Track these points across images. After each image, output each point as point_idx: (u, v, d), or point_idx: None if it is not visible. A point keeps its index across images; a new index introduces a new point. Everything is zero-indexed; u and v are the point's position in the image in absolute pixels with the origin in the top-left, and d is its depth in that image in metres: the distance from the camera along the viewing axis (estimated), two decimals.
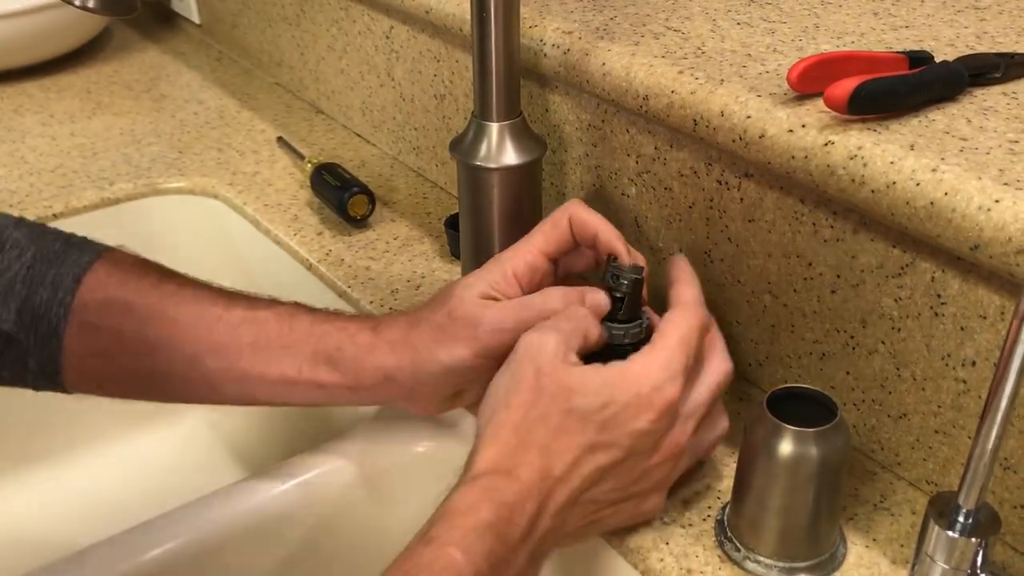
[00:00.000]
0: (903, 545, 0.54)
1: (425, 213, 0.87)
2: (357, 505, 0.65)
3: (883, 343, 0.55)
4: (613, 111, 0.67)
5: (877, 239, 0.54)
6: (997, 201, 0.46)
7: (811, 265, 0.58)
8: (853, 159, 0.51)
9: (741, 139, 0.56)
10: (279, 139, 0.99)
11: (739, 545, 0.53)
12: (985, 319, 0.50)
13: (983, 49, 0.60)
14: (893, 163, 0.50)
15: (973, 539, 0.45)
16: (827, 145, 0.52)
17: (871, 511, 0.56)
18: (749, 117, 0.55)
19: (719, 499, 0.57)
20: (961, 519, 0.45)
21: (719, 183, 0.61)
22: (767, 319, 0.62)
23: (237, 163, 0.96)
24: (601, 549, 0.57)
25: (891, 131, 0.52)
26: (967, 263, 0.50)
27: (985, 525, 0.45)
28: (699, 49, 0.63)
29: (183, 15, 1.31)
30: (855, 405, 0.58)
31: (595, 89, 0.65)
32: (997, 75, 0.56)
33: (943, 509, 0.46)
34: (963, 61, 0.57)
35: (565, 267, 0.59)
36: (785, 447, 0.49)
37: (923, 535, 0.47)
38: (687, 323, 0.51)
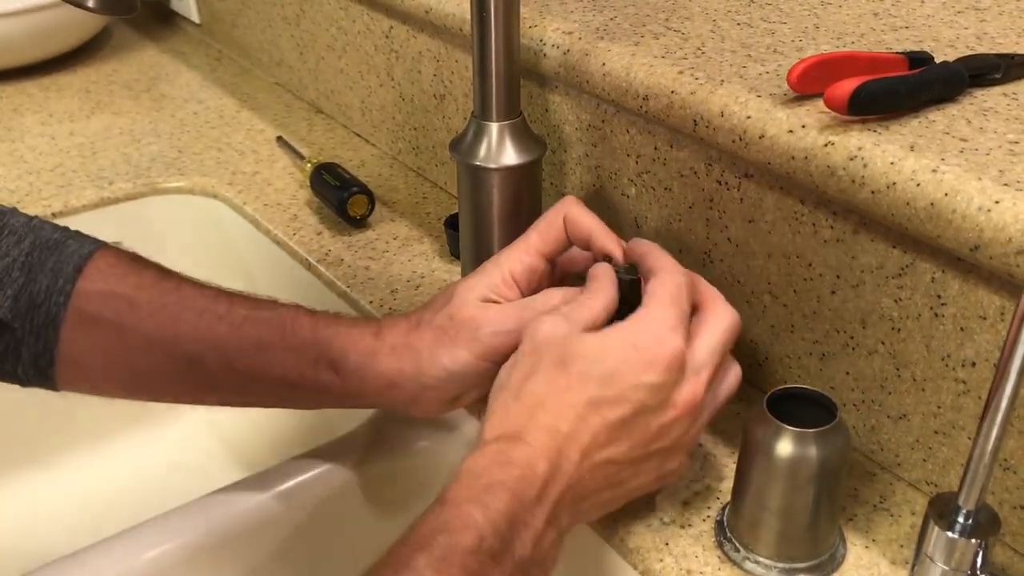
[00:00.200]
0: (903, 546, 0.54)
1: (425, 213, 0.87)
2: (356, 506, 0.65)
3: (883, 344, 0.55)
4: (613, 111, 0.67)
5: (877, 240, 0.53)
6: (997, 202, 0.46)
7: (811, 266, 0.58)
8: (853, 160, 0.51)
9: (741, 139, 0.56)
10: (279, 139, 0.99)
11: (739, 545, 0.53)
12: (985, 320, 0.50)
13: (983, 50, 0.60)
14: (893, 164, 0.49)
15: (973, 540, 0.45)
16: (827, 146, 0.52)
17: (871, 512, 0.56)
18: (749, 117, 0.55)
19: (719, 500, 0.57)
20: (961, 520, 0.45)
21: (719, 183, 0.61)
22: (767, 319, 0.62)
23: (236, 163, 0.96)
24: (601, 549, 0.57)
25: (891, 132, 0.52)
26: (967, 264, 0.50)
27: (985, 526, 0.45)
28: (699, 49, 0.63)
29: (182, 14, 1.30)
30: (855, 406, 0.58)
31: (595, 89, 0.65)
32: (997, 76, 0.56)
33: (943, 510, 0.46)
34: (963, 62, 0.57)
35: (563, 267, 0.59)
36: (785, 448, 0.49)
37: (923, 536, 0.47)
38: (672, 281, 0.51)
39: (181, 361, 0.57)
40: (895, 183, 0.49)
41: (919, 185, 0.48)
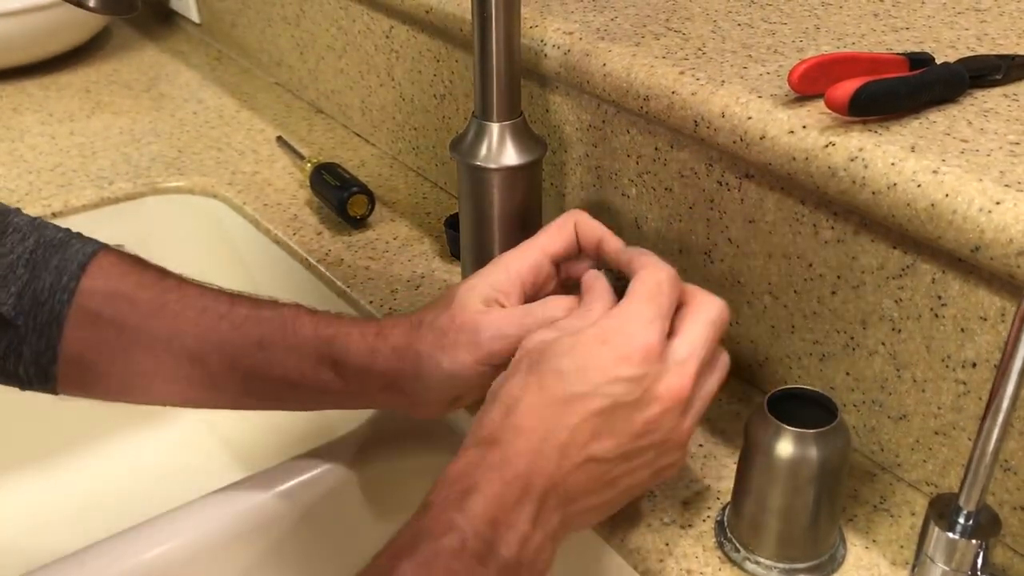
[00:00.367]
0: (903, 546, 0.54)
1: (425, 213, 0.87)
2: (356, 506, 0.65)
3: (883, 344, 0.55)
4: (614, 112, 0.67)
5: (878, 240, 0.54)
6: (998, 203, 0.46)
7: (811, 266, 0.58)
8: (854, 160, 0.51)
9: (742, 140, 0.56)
10: (278, 139, 0.99)
11: (739, 546, 0.53)
12: (986, 321, 0.50)
13: (984, 51, 0.60)
14: (894, 164, 0.50)
15: (973, 541, 0.45)
16: (828, 146, 0.52)
17: (871, 512, 0.56)
18: (750, 118, 0.55)
19: (719, 500, 0.57)
20: (961, 521, 0.45)
21: (719, 184, 0.61)
22: (767, 320, 0.62)
23: (236, 162, 0.96)
24: (601, 550, 0.57)
25: (892, 132, 0.52)
26: (968, 265, 0.50)
27: (985, 527, 0.45)
28: (700, 50, 0.63)
29: (182, 14, 1.30)
30: (855, 406, 0.58)
31: (596, 90, 0.65)
32: (998, 77, 0.56)
33: (943, 510, 0.46)
34: (964, 63, 0.57)
35: (566, 273, 0.58)
36: (785, 448, 0.49)
37: (923, 536, 0.47)
38: (652, 277, 0.50)
39: (182, 359, 0.57)
40: (896, 184, 0.49)
41: (920, 186, 0.48)
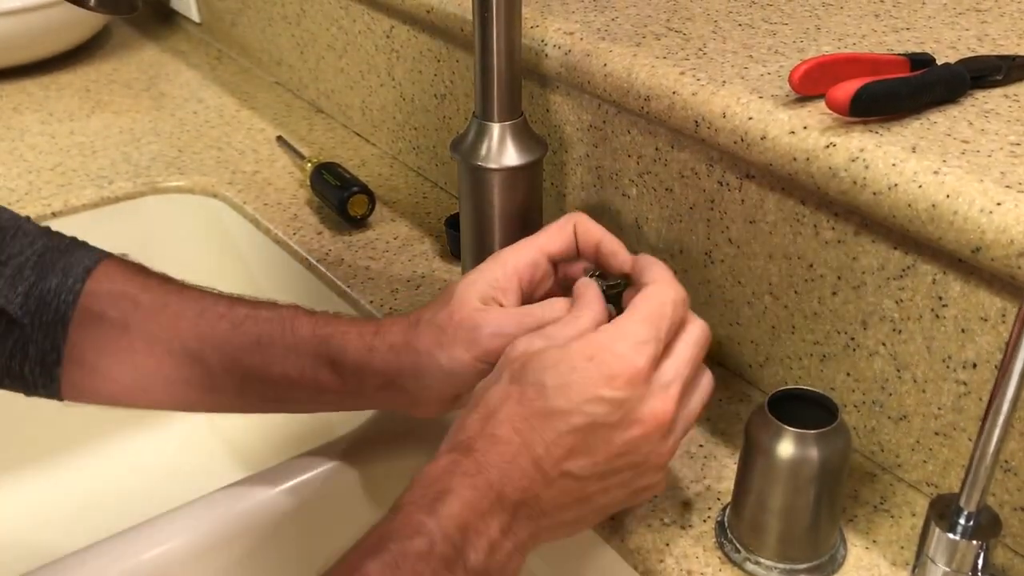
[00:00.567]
0: (903, 547, 0.54)
1: (425, 213, 0.87)
2: (356, 506, 0.65)
3: (884, 345, 0.55)
4: (614, 112, 0.67)
5: (878, 241, 0.54)
6: (999, 204, 0.46)
7: (812, 267, 0.58)
8: (855, 161, 0.51)
9: (743, 140, 0.56)
10: (279, 138, 0.99)
11: (739, 546, 0.53)
12: (986, 321, 0.50)
13: (984, 51, 0.61)
14: (895, 165, 0.50)
15: (974, 541, 0.45)
16: (829, 147, 0.52)
17: (871, 513, 0.56)
18: (751, 119, 0.55)
19: (719, 500, 0.57)
20: (962, 521, 0.45)
21: (720, 184, 0.61)
22: (767, 320, 0.62)
23: (237, 162, 0.96)
24: (601, 550, 0.57)
25: (893, 133, 0.52)
26: (968, 265, 0.50)
27: (986, 528, 0.45)
28: (700, 50, 0.63)
29: (182, 13, 1.30)
30: (855, 407, 0.59)
31: (596, 90, 0.65)
32: (998, 77, 0.57)
33: (944, 511, 0.46)
34: (964, 63, 0.57)
35: (563, 274, 0.58)
36: (786, 449, 0.49)
37: (924, 537, 0.47)
38: (659, 296, 0.49)
39: (182, 360, 0.57)
40: (896, 184, 0.49)
41: (920, 187, 0.48)
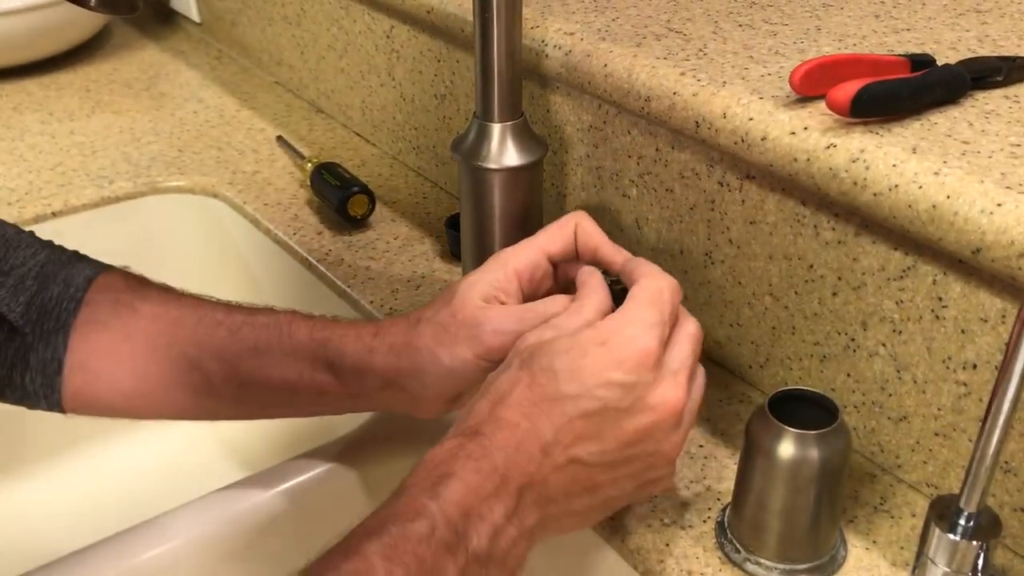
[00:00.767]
0: (903, 548, 0.54)
1: (425, 213, 0.87)
2: (356, 506, 0.65)
3: (884, 346, 0.55)
4: (615, 112, 0.67)
5: (879, 242, 0.54)
6: (999, 205, 0.46)
7: (812, 267, 0.58)
8: (855, 162, 0.51)
9: (743, 141, 0.56)
10: (279, 138, 0.99)
11: (739, 547, 0.53)
12: (986, 322, 0.50)
13: (985, 52, 0.61)
14: (895, 166, 0.50)
15: (974, 542, 0.45)
16: (829, 148, 0.52)
17: (871, 513, 0.56)
18: (751, 119, 0.55)
19: (719, 501, 0.57)
20: (962, 522, 0.45)
21: (720, 185, 0.61)
22: (768, 321, 0.62)
23: (237, 162, 0.96)
24: (602, 550, 0.57)
25: (893, 134, 0.52)
26: (969, 266, 0.50)
27: (986, 528, 0.45)
28: (701, 51, 0.63)
29: (183, 13, 1.30)
30: (855, 407, 0.59)
31: (597, 90, 0.65)
32: (999, 78, 0.57)
33: (944, 512, 0.46)
34: (965, 64, 0.57)
35: (564, 275, 0.58)
36: (786, 449, 0.49)
37: (924, 538, 0.47)
38: (655, 285, 0.50)
39: (182, 365, 0.58)
40: (897, 185, 0.49)
41: (921, 187, 0.48)
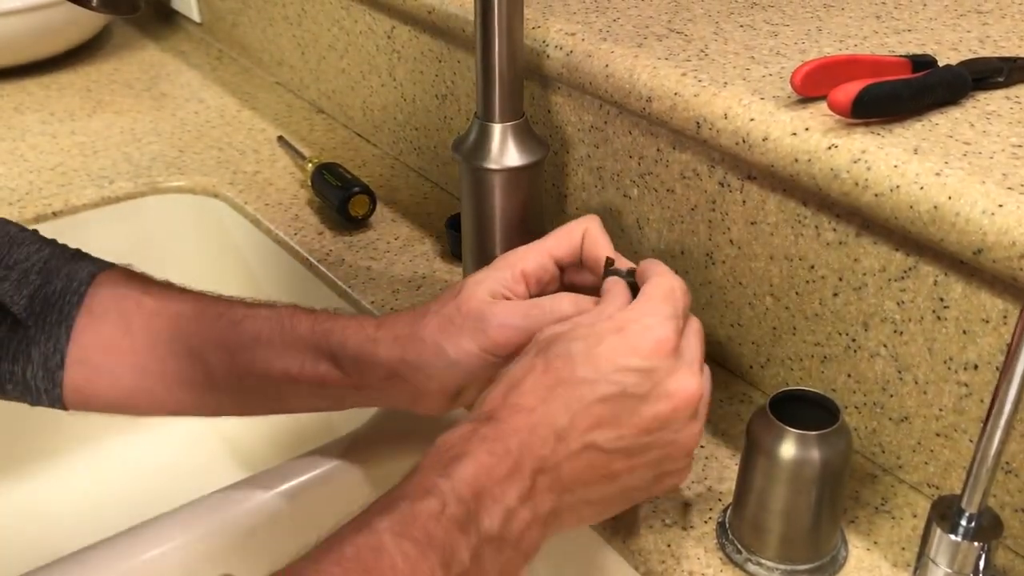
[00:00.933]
0: (904, 548, 0.54)
1: (426, 213, 0.87)
2: (357, 507, 0.64)
3: (885, 346, 0.55)
4: (616, 113, 0.67)
5: (880, 242, 0.54)
6: (1001, 205, 0.46)
7: (813, 268, 0.58)
8: (857, 163, 0.51)
9: (744, 142, 0.56)
10: (280, 138, 0.99)
11: (740, 547, 0.53)
12: (988, 323, 0.50)
13: (986, 53, 0.61)
14: (897, 167, 0.50)
15: (975, 543, 0.45)
16: (831, 148, 0.52)
17: (872, 514, 0.56)
18: (752, 120, 0.55)
19: (720, 501, 0.57)
20: (964, 523, 0.45)
21: (721, 185, 0.61)
22: (769, 321, 0.62)
23: (238, 162, 0.96)
24: (603, 551, 0.57)
25: (895, 135, 0.52)
26: (970, 267, 0.50)
27: (988, 529, 0.45)
28: (702, 51, 0.63)
29: (183, 13, 1.30)
30: (856, 408, 0.59)
31: (598, 91, 0.65)
32: (1000, 79, 0.57)
33: (945, 512, 0.46)
34: (966, 65, 0.57)
35: (570, 280, 0.58)
36: (787, 450, 0.49)
37: (925, 538, 0.47)
38: (667, 283, 0.51)
39: (184, 358, 0.58)
40: (898, 186, 0.49)
41: (922, 188, 0.48)
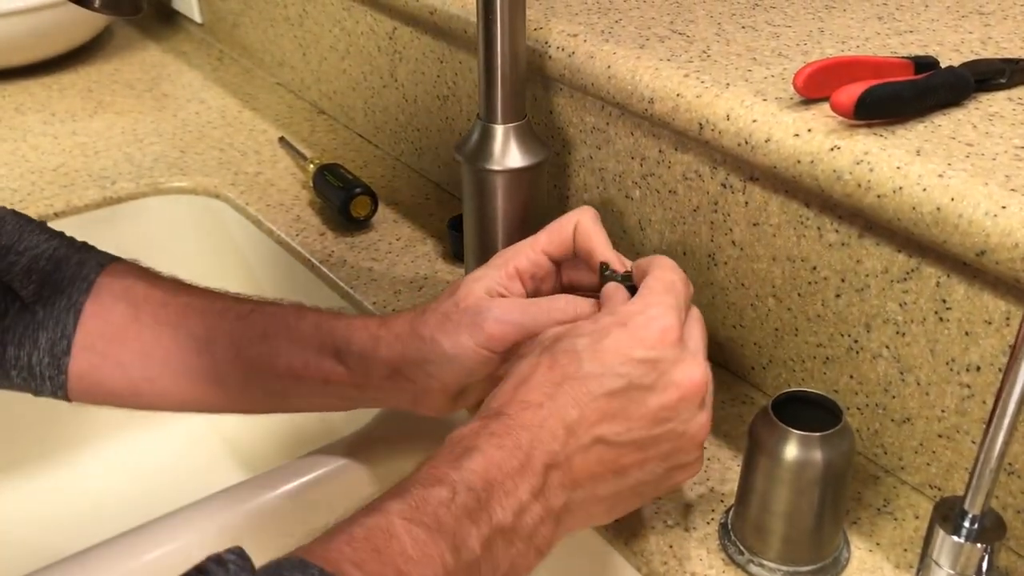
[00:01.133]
0: (906, 550, 0.54)
1: (427, 214, 0.87)
2: (359, 507, 0.64)
3: (887, 348, 0.55)
4: (618, 114, 0.67)
5: (882, 244, 0.54)
6: (1004, 207, 0.46)
7: (816, 269, 0.58)
8: (859, 164, 0.51)
9: (747, 143, 0.56)
10: (281, 139, 0.99)
11: (743, 549, 0.53)
12: (990, 324, 0.50)
13: (988, 54, 0.61)
14: (899, 168, 0.50)
15: (978, 544, 0.45)
16: (833, 150, 0.52)
17: (874, 515, 0.56)
18: (755, 121, 0.55)
19: (723, 503, 0.57)
20: (967, 524, 0.45)
21: (724, 186, 0.61)
22: (771, 323, 0.62)
23: (239, 163, 0.96)
24: (605, 552, 0.57)
25: (897, 136, 0.52)
26: (973, 268, 0.50)
27: (991, 530, 0.45)
28: (704, 52, 0.63)
29: (185, 14, 1.30)
30: (859, 409, 0.59)
31: (600, 92, 0.65)
32: (1002, 81, 0.57)
33: (948, 514, 0.46)
34: (968, 67, 0.57)
35: (568, 279, 0.58)
36: (790, 451, 0.49)
37: (928, 540, 0.47)
38: (668, 276, 0.51)
39: (190, 349, 0.58)
40: (901, 187, 0.49)
41: (925, 190, 0.48)
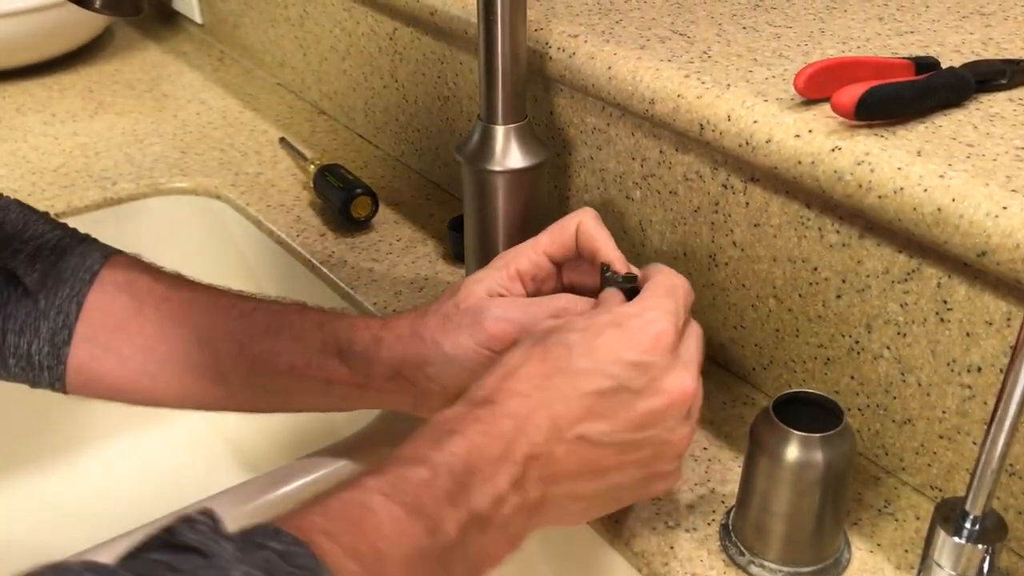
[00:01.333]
0: (907, 550, 0.54)
1: (428, 215, 0.87)
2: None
3: (888, 348, 0.55)
4: (618, 115, 0.67)
5: (883, 244, 0.54)
6: (1004, 208, 0.46)
7: (816, 270, 0.58)
8: (860, 164, 0.51)
9: (748, 143, 0.56)
10: (282, 140, 0.99)
11: (744, 549, 0.53)
12: (991, 325, 0.50)
13: (989, 55, 0.61)
14: (900, 169, 0.50)
15: (980, 545, 0.45)
16: (834, 150, 0.52)
17: (875, 516, 0.56)
18: (756, 122, 0.55)
19: (723, 503, 0.57)
20: (968, 525, 0.45)
21: (725, 187, 0.61)
22: (771, 323, 0.62)
23: (240, 164, 0.96)
24: (605, 552, 0.57)
25: (898, 137, 0.52)
26: (974, 269, 0.50)
27: (992, 531, 0.45)
28: (705, 53, 0.63)
29: (185, 14, 1.30)
30: (859, 410, 0.59)
31: (600, 93, 0.65)
32: (1003, 81, 0.57)
33: (949, 515, 0.46)
34: (969, 67, 0.57)
35: (568, 280, 0.58)
36: (791, 452, 0.49)
37: (929, 541, 0.47)
38: (670, 280, 0.51)
39: (192, 343, 0.58)
40: (902, 188, 0.49)
41: (926, 190, 0.48)
